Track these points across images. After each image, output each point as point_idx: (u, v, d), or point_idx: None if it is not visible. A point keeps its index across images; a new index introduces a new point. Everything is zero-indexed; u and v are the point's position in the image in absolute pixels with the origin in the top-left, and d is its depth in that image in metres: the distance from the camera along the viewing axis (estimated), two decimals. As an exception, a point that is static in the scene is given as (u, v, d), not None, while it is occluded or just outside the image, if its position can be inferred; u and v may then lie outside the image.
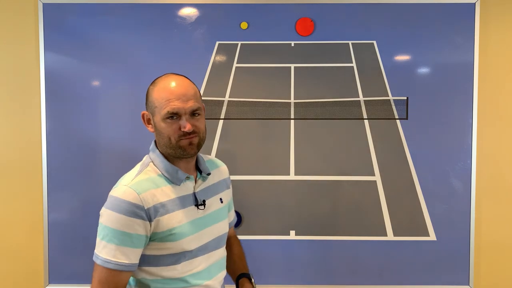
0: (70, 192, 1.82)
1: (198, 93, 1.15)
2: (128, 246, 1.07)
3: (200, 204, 1.17)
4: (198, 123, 1.12)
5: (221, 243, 1.26)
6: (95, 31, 1.80)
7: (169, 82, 1.11)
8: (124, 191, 1.09)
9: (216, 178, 1.28)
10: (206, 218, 1.19)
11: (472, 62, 1.80)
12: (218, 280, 1.24)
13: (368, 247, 1.82)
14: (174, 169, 1.15)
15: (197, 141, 1.13)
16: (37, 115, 1.82)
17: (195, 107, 1.10)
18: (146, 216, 1.07)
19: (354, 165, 1.82)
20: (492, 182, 1.84)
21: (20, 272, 1.86)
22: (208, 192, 1.22)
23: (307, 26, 1.81)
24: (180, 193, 1.15)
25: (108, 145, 1.81)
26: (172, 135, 1.10)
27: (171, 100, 1.08)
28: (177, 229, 1.11)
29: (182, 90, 1.09)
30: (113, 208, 1.07)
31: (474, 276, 1.83)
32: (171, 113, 1.08)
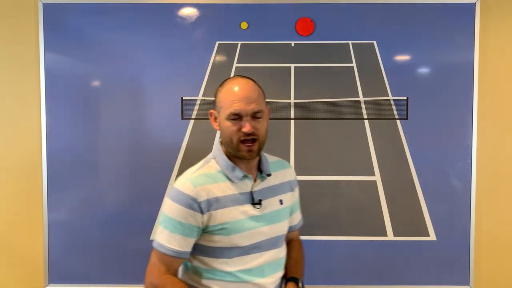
0: (70, 192, 1.82)
1: (261, 96, 1.20)
2: (180, 234, 1.15)
3: (256, 203, 1.21)
4: (259, 125, 1.17)
5: (278, 243, 1.27)
6: (95, 31, 1.80)
7: (235, 85, 1.18)
8: (182, 183, 1.17)
9: (279, 179, 1.30)
10: (262, 217, 1.22)
11: (472, 62, 1.80)
12: (272, 280, 1.24)
13: (368, 247, 1.82)
14: (232, 167, 1.20)
15: (256, 148, 1.17)
16: (37, 115, 1.82)
17: (257, 110, 1.15)
18: (199, 209, 1.14)
19: (354, 165, 1.82)
20: (492, 182, 1.84)
21: (20, 272, 1.86)
22: (266, 192, 1.24)
23: (307, 26, 1.81)
24: (237, 191, 1.20)
25: (108, 145, 1.81)
26: (234, 135, 1.15)
27: (234, 101, 1.14)
28: (229, 224, 1.17)
29: (246, 93, 1.15)
30: (172, 198, 1.16)
31: (474, 276, 1.83)
32: (234, 114, 1.14)
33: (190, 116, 1.81)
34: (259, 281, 1.21)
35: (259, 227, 1.21)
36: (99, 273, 1.83)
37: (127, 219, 1.81)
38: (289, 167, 1.37)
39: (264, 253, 1.22)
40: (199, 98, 1.81)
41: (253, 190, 1.22)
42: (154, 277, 1.18)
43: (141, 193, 1.81)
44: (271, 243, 1.24)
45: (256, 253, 1.21)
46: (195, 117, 1.81)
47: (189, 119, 1.81)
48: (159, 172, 1.81)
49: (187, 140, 1.81)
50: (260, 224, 1.21)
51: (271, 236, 1.23)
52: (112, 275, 1.83)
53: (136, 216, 1.81)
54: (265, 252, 1.23)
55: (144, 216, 1.81)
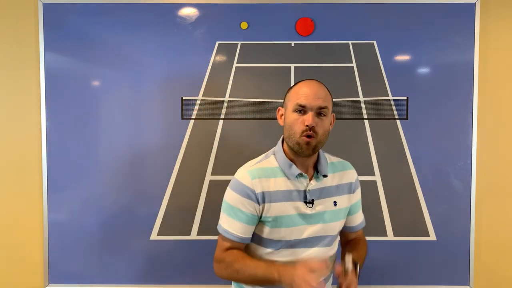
0: (70, 192, 1.82)
1: (329, 97, 1.25)
2: (242, 221, 1.24)
3: (308, 202, 1.25)
4: (321, 123, 1.21)
5: (327, 242, 1.29)
6: (95, 31, 1.80)
7: (306, 83, 1.24)
8: (242, 174, 1.26)
9: (336, 181, 1.32)
10: (313, 216, 1.26)
11: (472, 62, 1.80)
12: None
13: (368, 247, 1.81)
14: (289, 164, 1.26)
15: (314, 143, 1.21)
16: (37, 115, 1.82)
17: (323, 105, 1.20)
18: (256, 199, 1.23)
19: (354, 165, 1.82)
20: (492, 182, 1.84)
21: (20, 272, 1.86)
22: (321, 193, 1.28)
23: (307, 26, 1.81)
24: (292, 187, 1.25)
25: (108, 145, 1.81)
26: (296, 127, 1.21)
27: (302, 95, 1.21)
28: (279, 218, 1.23)
29: (315, 89, 1.21)
30: (233, 188, 1.26)
31: (474, 276, 1.83)
32: (299, 105, 1.20)
33: (190, 116, 1.81)
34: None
35: (309, 225, 1.25)
36: (99, 273, 1.83)
37: (127, 219, 1.81)
38: (351, 169, 1.39)
39: (310, 249, 1.26)
40: (199, 98, 1.81)
41: (307, 189, 1.26)
42: (217, 255, 1.27)
43: (141, 193, 1.81)
44: (319, 241, 1.27)
45: (302, 247, 1.26)
46: (195, 117, 1.81)
47: (189, 119, 1.81)
48: (159, 172, 1.81)
49: (187, 140, 1.81)
50: (310, 222, 1.25)
51: (320, 234, 1.27)
52: (112, 275, 1.83)
53: (136, 216, 1.81)
54: (312, 248, 1.26)
55: (144, 216, 1.81)
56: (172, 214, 1.81)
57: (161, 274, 1.82)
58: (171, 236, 1.82)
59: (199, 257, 1.82)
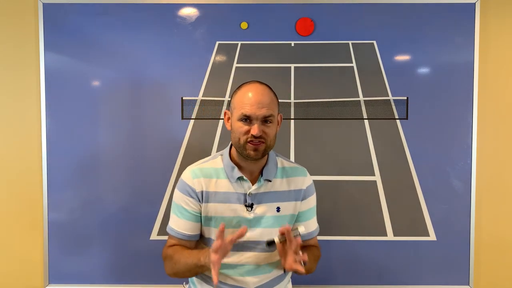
0: (70, 192, 1.82)
1: (274, 102, 1.24)
2: (185, 219, 1.27)
3: (248, 205, 1.26)
4: (268, 130, 1.21)
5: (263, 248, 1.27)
6: (95, 31, 1.80)
7: (250, 89, 1.22)
8: (185, 173, 1.30)
9: (284, 187, 1.31)
10: (252, 220, 1.26)
11: (472, 62, 1.80)
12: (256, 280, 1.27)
13: (368, 247, 1.82)
14: (231, 167, 1.27)
15: (263, 148, 1.21)
16: (37, 115, 1.82)
17: (267, 114, 1.19)
18: (197, 197, 1.26)
19: (354, 165, 1.82)
20: (492, 182, 1.84)
21: (20, 272, 1.86)
22: (263, 197, 1.28)
23: (307, 26, 1.81)
24: (233, 189, 1.26)
25: (108, 145, 1.81)
26: (242, 136, 1.20)
27: (247, 104, 1.19)
28: (216, 219, 1.25)
29: (259, 97, 1.20)
30: (177, 187, 1.30)
31: (474, 276, 1.83)
32: (244, 115, 1.19)
33: (190, 116, 1.81)
34: (238, 278, 1.26)
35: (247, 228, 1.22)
36: (99, 273, 1.83)
37: (127, 219, 1.81)
38: (304, 176, 1.36)
39: (247, 253, 1.26)
40: (199, 98, 1.81)
41: (248, 192, 1.26)
42: (163, 252, 1.31)
43: (141, 193, 1.81)
44: (258, 245, 1.27)
45: (241, 251, 1.26)
46: (195, 117, 1.81)
47: (189, 119, 1.81)
48: (159, 172, 1.81)
49: (187, 140, 1.81)
50: (248, 226, 1.25)
51: (259, 239, 1.26)
52: (112, 275, 1.83)
53: (136, 216, 1.81)
54: (250, 252, 1.26)
55: (144, 216, 1.81)
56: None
57: (161, 274, 1.82)
58: (171, 236, 1.82)
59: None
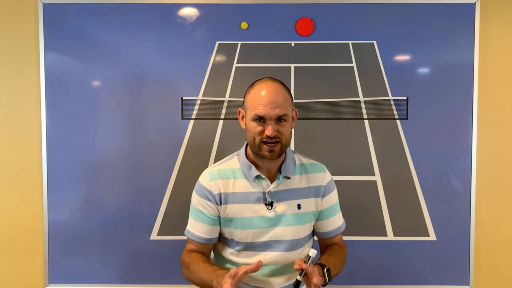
0: (70, 192, 1.82)
1: (288, 100, 1.21)
2: (203, 222, 1.26)
3: (268, 204, 1.23)
4: (282, 129, 1.18)
5: (288, 246, 1.25)
6: (95, 31, 1.80)
7: (263, 88, 1.19)
8: (202, 176, 1.29)
9: (303, 183, 1.28)
10: (273, 219, 1.23)
11: (472, 62, 1.80)
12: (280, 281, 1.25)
13: (368, 247, 1.82)
14: (249, 166, 1.25)
15: (278, 148, 1.19)
16: (37, 115, 1.82)
17: (281, 114, 1.17)
18: (214, 200, 1.24)
19: (354, 165, 1.82)
20: (492, 182, 1.84)
21: (20, 272, 1.86)
22: (283, 195, 1.25)
23: (307, 26, 1.81)
24: (252, 189, 1.24)
25: (108, 145, 1.81)
26: (257, 136, 1.19)
27: (260, 104, 1.17)
28: (236, 220, 1.23)
29: (272, 97, 1.16)
30: (195, 190, 1.29)
31: (474, 276, 1.83)
32: (258, 116, 1.17)
33: (190, 116, 1.81)
34: (262, 279, 1.24)
35: (268, 227, 1.23)
36: (99, 273, 1.83)
37: (127, 219, 1.81)
38: (322, 172, 1.32)
39: (270, 253, 1.24)
40: (199, 98, 1.81)
41: (267, 190, 1.24)
42: (181, 255, 1.29)
43: (141, 193, 1.81)
44: (281, 245, 1.24)
45: (263, 251, 1.24)
46: (195, 117, 1.81)
47: (189, 119, 1.81)
48: (159, 172, 1.81)
49: (187, 140, 1.81)
50: (270, 225, 1.23)
51: (281, 238, 1.24)
52: (112, 275, 1.83)
53: (136, 216, 1.81)
54: (273, 252, 1.24)
55: (144, 216, 1.81)
56: (172, 214, 1.81)
57: (161, 274, 1.82)
58: (171, 236, 1.82)
59: (199, 257, 1.82)
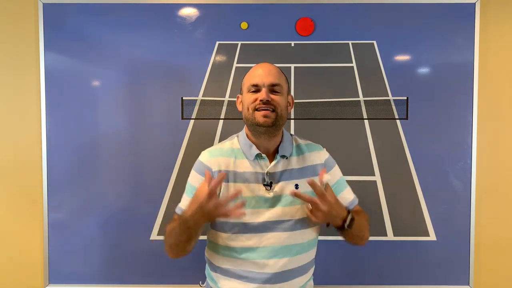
0: (70, 192, 1.82)
1: (283, 76, 1.27)
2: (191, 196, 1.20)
3: (266, 184, 1.23)
4: (276, 98, 1.22)
5: (287, 227, 1.23)
6: (95, 31, 1.80)
7: (259, 65, 1.27)
8: (202, 154, 1.31)
9: (301, 163, 1.28)
10: (272, 199, 1.23)
11: (472, 62, 1.80)
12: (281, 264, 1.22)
13: (368, 247, 1.82)
14: (249, 145, 1.26)
15: (274, 116, 1.20)
16: (37, 115, 1.82)
17: (274, 82, 1.22)
18: (213, 177, 1.18)
19: (354, 165, 1.82)
20: (492, 182, 1.84)
21: (20, 272, 1.86)
22: (281, 175, 1.25)
23: (307, 26, 1.81)
24: (251, 169, 1.24)
25: (108, 145, 1.81)
26: (250, 104, 1.22)
27: (255, 76, 1.24)
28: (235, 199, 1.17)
29: (266, 69, 1.24)
30: (193, 168, 1.30)
31: (474, 276, 1.83)
32: (253, 85, 1.22)
33: (190, 116, 1.81)
34: (260, 261, 1.21)
35: (267, 208, 1.22)
36: (99, 273, 1.83)
37: (127, 219, 1.81)
38: (318, 150, 1.34)
39: (268, 234, 1.22)
40: (199, 98, 1.81)
41: (266, 171, 1.24)
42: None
43: (141, 193, 1.81)
44: (278, 225, 1.23)
45: (261, 232, 1.21)
46: (195, 117, 1.81)
47: (189, 119, 1.81)
48: (159, 172, 1.81)
49: (187, 140, 1.81)
50: (268, 205, 1.22)
51: (280, 218, 1.23)
52: (112, 275, 1.83)
53: (136, 216, 1.81)
54: (271, 233, 1.22)
55: (144, 216, 1.81)
56: (172, 214, 1.81)
57: (161, 274, 1.82)
58: (171, 236, 1.81)
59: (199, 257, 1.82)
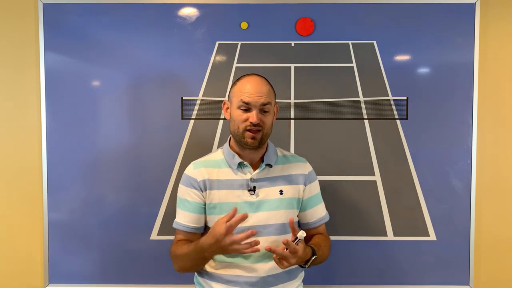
0: (70, 192, 1.82)
1: (272, 92, 1.32)
2: (188, 211, 1.32)
3: (250, 189, 1.30)
4: (265, 119, 1.27)
5: (272, 231, 1.29)
6: (95, 31, 1.80)
7: (249, 79, 1.29)
8: (187, 167, 1.37)
9: (285, 171, 1.36)
10: (256, 203, 1.29)
11: (472, 62, 1.80)
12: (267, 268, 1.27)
13: (368, 247, 1.82)
14: (232, 155, 1.33)
15: (260, 136, 1.27)
16: (37, 115, 1.82)
17: (266, 102, 1.26)
18: (199, 187, 1.31)
19: (354, 165, 1.82)
20: (492, 182, 1.84)
21: (20, 272, 1.86)
22: (266, 182, 1.33)
23: (307, 26, 1.81)
24: (235, 177, 1.31)
25: (108, 145, 1.81)
26: (241, 124, 1.27)
27: (246, 92, 1.26)
28: (221, 205, 1.29)
29: (258, 87, 1.26)
30: (181, 181, 1.36)
31: (474, 276, 1.83)
32: (244, 102, 1.25)
33: (190, 116, 1.81)
34: (248, 265, 1.27)
35: (252, 212, 1.27)
36: (99, 273, 1.83)
37: (127, 219, 1.81)
38: (303, 162, 1.43)
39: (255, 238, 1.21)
40: (199, 98, 1.81)
41: (250, 177, 1.30)
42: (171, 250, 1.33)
43: (141, 193, 1.81)
44: (265, 230, 1.28)
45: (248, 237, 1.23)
46: (195, 117, 1.81)
47: (189, 119, 1.81)
48: (159, 172, 1.81)
49: (187, 140, 1.81)
50: (253, 210, 1.28)
51: (265, 223, 1.28)
52: (112, 275, 1.83)
53: (136, 216, 1.81)
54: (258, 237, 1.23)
55: (144, 216, 1.81)
56: (172, 214, 1.80)
57: (161, 274, 1.82)
58: (171, 236, 1.80)
59: (199, 257, 1.82)
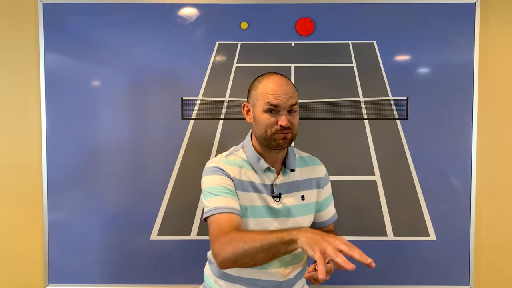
0: (70, 192, 1.82)
1: (296, 91, 1.25)
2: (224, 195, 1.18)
3: (275, 195, 1.25)
4: (293, 120, 1.22)
5: None
6: (95, 31, 1.80)
7: (274, 80, 1.22)
8: (215, 161, 1.26)
9: (304, 175, 1.33)
10: (281, 210, 1.26)
11: (472, 62, 1.80)
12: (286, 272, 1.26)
13: (368, 247, 1.82)
14: (257, 158, 1.26)
15: (290, 137, 1.22)
16: (37, 115, 1.82)
17: (294, 102, 1.21)
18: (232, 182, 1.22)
19: (354, 165, 1.82)
20: (492, 182, 1.84)
21: (20, 272, 1.86)
22: (288, 187, 1.28)
23: (307, 26, 1.81)
24: (259, 180, 1.26)
25: (108, 145, 1.81)
26: (269, 128, 1.20)
27: (273, 95, 1.19)
28: (248, 208, 1.22)
29: (284, 88, 1.20)
30: (208, 173, 1.24)
31: (474, 276, 1.83)
32: (272, 105, 1.19)
33: (190, 116, 1.81)
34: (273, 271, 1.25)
35: (276, 218, 1.25)
36: (99, 273, 1.83)
37: (127, 219, 1.81)
38: (319, 164, 1.40)
39: None
40: (199, 98, 1.81)
41: (274, 183, 1.26)
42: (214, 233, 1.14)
43: (141, 193, 1.81)
44: None
45: None
46: (195, 117, 1.81)
47: (189, 119, 1.81)
48: (159, 172, 1.81)
49: (187, 140, 1.81)
50: (277, 216, 1.25)
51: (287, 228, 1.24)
52: (112, 275, 1.83)
53: (136, 216, 1.81)
54: None
55: (144, 216, 1.81)
56: (172, 214, 1.81)
57: (161, 274, 1.83)
58: (171, 236, 1.82)
59: (199, 257, 1.82)
